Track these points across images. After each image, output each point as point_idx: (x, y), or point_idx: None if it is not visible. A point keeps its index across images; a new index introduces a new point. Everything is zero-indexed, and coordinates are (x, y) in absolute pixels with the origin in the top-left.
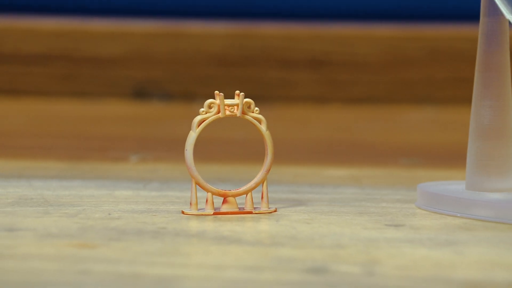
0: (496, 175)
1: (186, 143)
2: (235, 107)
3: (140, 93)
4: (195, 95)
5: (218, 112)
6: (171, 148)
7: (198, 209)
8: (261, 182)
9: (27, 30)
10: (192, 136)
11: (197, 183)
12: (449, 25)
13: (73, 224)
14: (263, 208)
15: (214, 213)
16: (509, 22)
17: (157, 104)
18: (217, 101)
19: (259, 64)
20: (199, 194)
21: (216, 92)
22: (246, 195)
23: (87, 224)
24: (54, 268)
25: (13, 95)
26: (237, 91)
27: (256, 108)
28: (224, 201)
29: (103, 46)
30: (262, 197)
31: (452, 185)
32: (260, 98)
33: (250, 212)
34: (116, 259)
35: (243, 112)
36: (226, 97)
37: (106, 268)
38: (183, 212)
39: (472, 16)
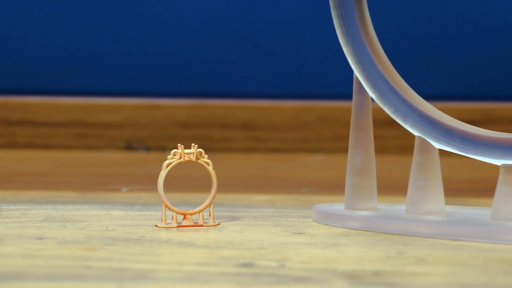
0: (364, 199)
1: (159, 179)
2: (191, 154)
3: (130, 146)
4: (166, 147)
5: (180, 158)
6: (149, 183)
7: (167, 223)
8: (209, 205)
9: (56, 105)
10: (162, 174)
11: (166, 206)
12: (333, 100)
13: (82, 234)
14: (210, 222)
15: (177, 226)
16: (372, 98)
17: (141, 153)
18: (179, 150)
19: (208, 126)
20: (167, 213)
21: (179, 144)
22: (199, 214)
23: (91, 234)
24: (68, 264)
25: (46, 148)
26: (193, 144)
27: (206, 155)
28: (184, 218)
29: (105, 115)
30: (209, 215)
31: (335, 206)
32: (208, 149)
33: (201, 225)
34: (110, 258)
35: (197, 158)
36: (185, 148)
37: (104, 264)
38: (156, 226)
39: (347, 94)
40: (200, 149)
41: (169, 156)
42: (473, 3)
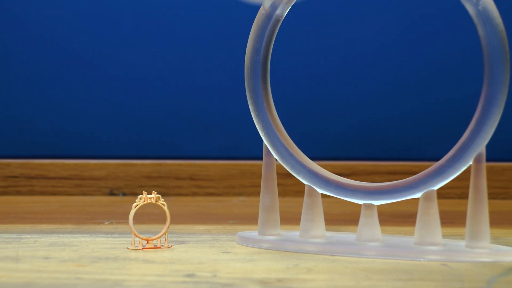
0: (271, 227)
1: (129, 215)
2: (152, 198)
3: (112, 193)
4: (137, 193)
5: (144, 201)
6: (124, 218)
7: (135, 247)
8: (164, 233)
9: (61, 164)
10: (132, 212)
11: (134, 234)
12: (250, 160)
13: (76, 255)
14: (165, 245)
15: (142, 248)
16: (276, 159)
17: (119, 198)
18: (144, 195)
19: (165, 178)
20: (135, 239)
21: (144, 191)
22: (158, 239)
23: (82, 254)
24: (65, 276)
25: (54, 195)
26: (153, 191)
27: (162, 199)
28: (147, 243)
29: (95, 171)
30: (165, 240)
31: (252, 233)
32: (164, 194)
33: (159, 248)
34: (94, 271)
35: (156, 201)
36: (148, 193)
37: (90, 276)
38: (128, 248)
39: (260, 156)
40: (158, 195)
41: (136, 200)
42: (340, 88)
